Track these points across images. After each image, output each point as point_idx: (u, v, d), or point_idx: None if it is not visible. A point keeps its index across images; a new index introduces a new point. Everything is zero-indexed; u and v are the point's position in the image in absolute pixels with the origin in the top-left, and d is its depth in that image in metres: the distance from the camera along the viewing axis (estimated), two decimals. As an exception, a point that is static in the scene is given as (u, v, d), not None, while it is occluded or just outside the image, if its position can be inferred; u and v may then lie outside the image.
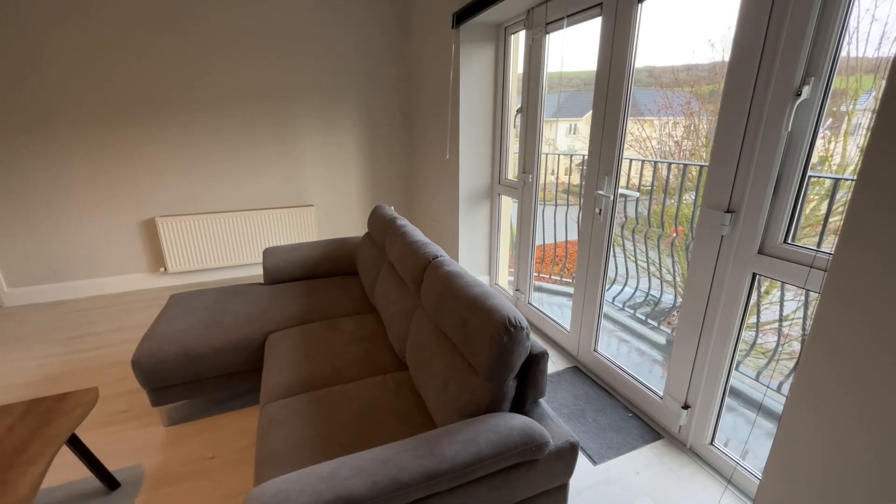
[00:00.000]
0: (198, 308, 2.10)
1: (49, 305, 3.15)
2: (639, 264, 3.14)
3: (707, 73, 4.75)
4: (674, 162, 3.44)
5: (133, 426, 1.92)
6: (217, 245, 3.42)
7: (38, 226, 3.08)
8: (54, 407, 1.46)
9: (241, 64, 3.23)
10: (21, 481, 1.18)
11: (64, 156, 3.01)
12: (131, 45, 2.95)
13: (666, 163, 2.94)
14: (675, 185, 2.76)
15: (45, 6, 2.73)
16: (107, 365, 2.38)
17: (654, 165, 2.62)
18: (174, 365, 1.80)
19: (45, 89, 2.86)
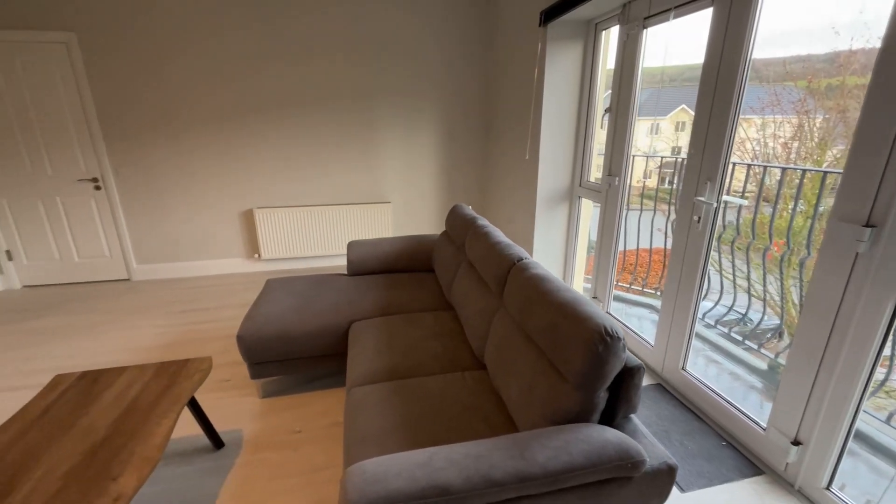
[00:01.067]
0: (292, 293, 2.29)
1: (166, 282, 3.63)
2: (728, 278, 2.85)
3: (826, 65, 4.18)
4: (792, 167, 3.07)
5: (234, 394, 2.14)
6: (304, 236, 3.70)
7: (161, 213, 3.55)
8: (179, 370, 1.68)
9: (330, 67, 3.46)
10: (157, 431, 1.37)
11: (184, 154, 3.45)
12: (238, 57, 3.29)
13: (781, 168, 2.64)
14: (787, 192, 2.46)
15: (171, 32, 3.15)
16: (213, 338, 2.68)
17: (764, 170, 2.35)
18: (271, 343, 1.98)
19: (171, 96, 3.29)
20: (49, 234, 3.46)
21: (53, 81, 3.17)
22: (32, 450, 1.29)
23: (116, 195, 3.45)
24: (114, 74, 3.19)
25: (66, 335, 2.74)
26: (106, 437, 1.34)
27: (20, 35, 3.03)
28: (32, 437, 1.33)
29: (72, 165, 3.35)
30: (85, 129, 3.29)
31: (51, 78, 3.16)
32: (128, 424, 1.39)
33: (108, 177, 3.40)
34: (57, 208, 3.41)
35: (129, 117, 3.30)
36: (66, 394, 1.54)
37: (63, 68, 3.15)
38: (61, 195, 3.39)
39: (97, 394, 1.54)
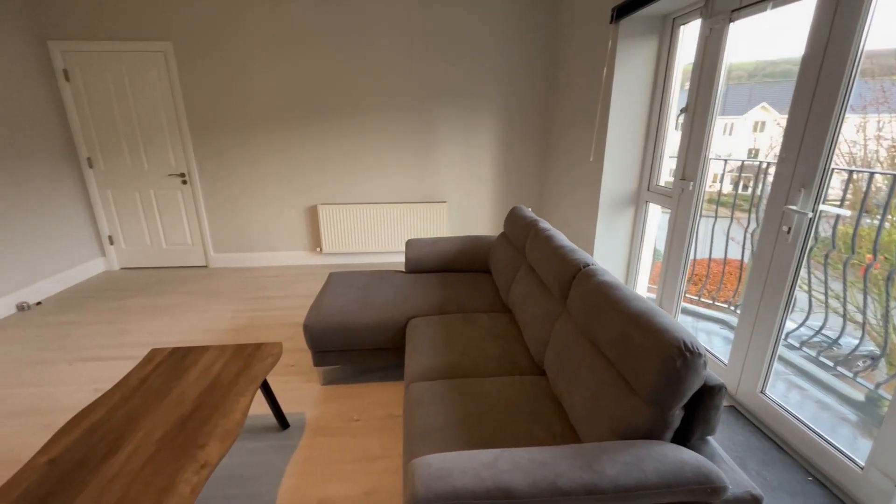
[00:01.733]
0: (353, 287, 2.38)
1: (238, 270, 3.93)
2: (819, 298, 2.56)
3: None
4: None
5: (298, 379, 2.27)
6: (363, 232, 3.85)
7: (236, 206, 3.85)
8: (254, 353, 1.81)
9: (393, 71, 3.55)
10: (236, 407, 1.49)
11: (258, 152, 3.71)
12: (308, 63, 3.48)
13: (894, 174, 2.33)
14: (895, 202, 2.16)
15: (251, 42, 3.39)
16: (278, 325, 2.86)
17: (870, 177, 2.08)
18: (334, 334, 2.08)
19: (248, 98, 3.55)
20: (143, 223, 3.87)
21: (152, 86, 3.54)
22: (133, 415, 1.45)
23: (200, 189, 3.79)
24: (201, 79, 3.51)
25: (154, 313, 3.05)
26: (193, 409, 1.47)
27: (127, 45, 3.41)
28: (133, 404, 1.50)
29: (164, 161, 3.72)
30: (176, 128, 3.64)
31: (150, 83, 3.53)
32: (211, 399, 1.53)
33: (193, 172, 3.74)
34: (150, 200, 3.81)
35: (211, 118, 3.61)
36: (159, 367, 1.72)
37: (160, 74, 3.51)
38: (154, 188, 3.78)
39: (185, 369, 1.70)
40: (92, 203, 3.77)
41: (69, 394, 2.17)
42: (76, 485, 1.18)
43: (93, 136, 3.63)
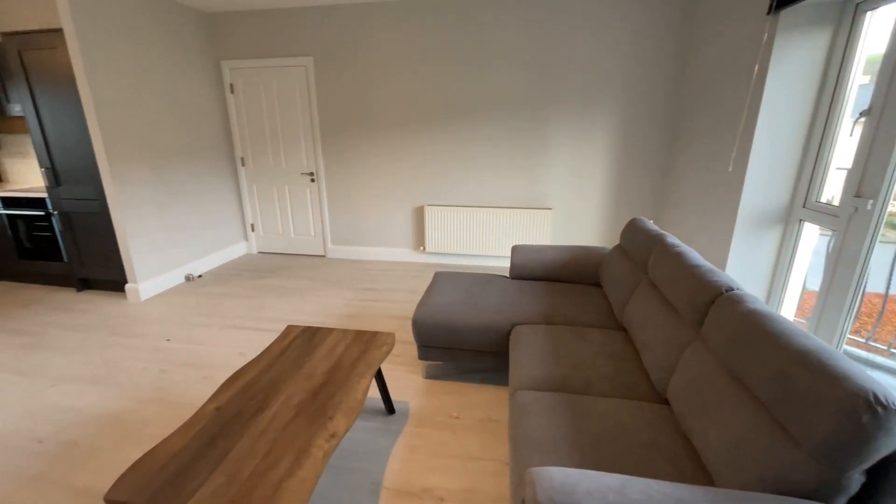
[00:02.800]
0: (459, 288, 2.45)
1: (351, 262, 4.30)
2: None
3: None
4: None
5: (402, 370, 2.41)
6: (466, 234, 3.94)
7: (352, 203, 4.22)
8: (371, 340, 1.97)
9: (506, 76, 3.57)
10: (357, 387, 1.63)
11: (375, 154, 4.02)
12: (424, 72, 3.66)
13: None
14: None
15: (376, 54, 3.68)
16: (385, 315, 3.07)
17: None
18: (439, 331, 2.16)
19: (370, 105, 3.87)
20: (278, 214, 4.46)
21: (293, 96, 4.05)
22: (275, 380, 1.67)
23: (324, 187, 4.24)
24: (333, 88, 3.92)
25: (282, 293, 3.49)
26: (322, 384, 1.65)
27: (277, 62, 3.96)
28: (275, 371, 1.73)
29: (298, 161, 4.24)
30: (310, 132, 4.12)
31: (292, 93, 4.05)
32: (336, 376, 1.69)
33: (320, 171, 4.20)
34: (285, 195, 4.37)
35: (339, 123, 4.01)
36: (294, 341, 1.96)
37: (301, 85, 4.01)
38: (289, 185, 4.33)
39: (315, 346, 1.91)
40: (241, 195, 4.46)
41: (220, 354, 2.59)
42: (235, 432, 1.40)
43: (246, 139, 4.28)
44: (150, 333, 2.84)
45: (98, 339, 2.77)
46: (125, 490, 1.18)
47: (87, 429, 1.96)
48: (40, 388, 2.27)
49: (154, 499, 1.15)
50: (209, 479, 1.22)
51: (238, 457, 1.29)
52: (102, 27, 3.00)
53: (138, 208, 3.33)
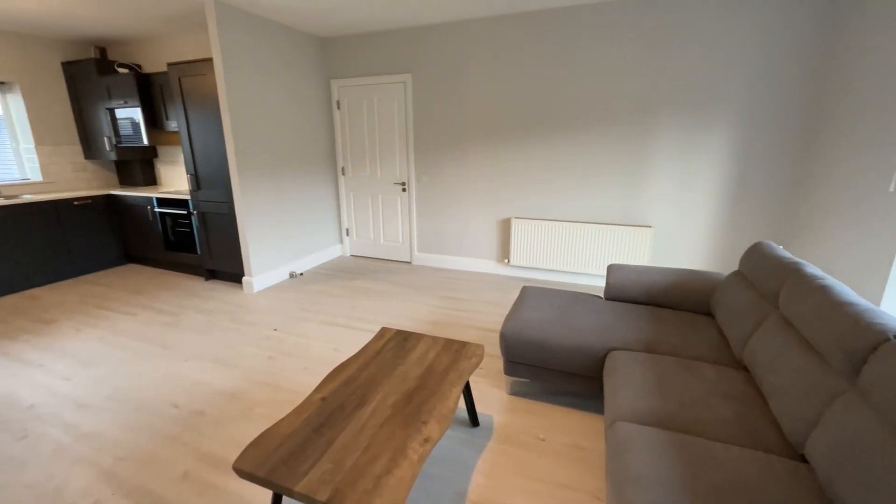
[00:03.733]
0: (550, 305, 2.38)
1: (435, 270, 4.42)
2: None
3: None
4: None
5: (486, 382, 2.39)
6: (553, 249, 3.83)
7: (439, 212, 4.35)
8: (460, 350, 1.99)
9: (606, 84, 3.42)
10: (450, 395, 1.65)
11: (464, 165, 4.10)
12: (518, 86, 3.65)
13: None
14: None
15: (469, 69, 3.76)
16: (468, 326, 3.08)
17: None
18: (529, 347, 2.10)
19: (460, 118, 3.96)
20: (370, 221, 4.75)
21: (392, 110, 4.32)
22: (373, 378, 1.76)
23: (414, 196, 4.43)
24: (428, 102, 4.10)
25: (371, 295, 3.69)
26: (415, 387, 1.70)
27: (380, 79, 4.25)
28: (372, 369, 1.82)
29: (391, 172, 4.49)
30: (404, 144, 4.35)
31: (391, 108, 4.31)
32: (429, 382, 1.73)
33: (411, 182, 4.40)
34: (378, 203, 4.65)
35: (431, 135, 4.17)
36: (388, 343, 2.05)
37: (399, 100, 4.26)
38: (382, 193, 4.60)
39: (408, 350, 1.98)
40: (339, 202, 4.84)
41: (318, 347, 2.81)
42: (338, 423, 1.49)
43: (348, 151, 4.65)
44: (260, 322, 3.19)
45: (220, 323, 3.18)
46: (248, 462, 1.32)
47: (212, 401, 2.25)
48: (177, 361, 2.66)
49: (273, 473, 1.27)
50: (317, 463, 1.31)
51: (342, 447, 1.38)
52: (239, 55, 3.49)
53: (256, 211, 3.78)
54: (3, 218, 3.72)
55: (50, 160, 4.46)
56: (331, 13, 3.57)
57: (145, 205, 4.34)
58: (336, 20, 3.78)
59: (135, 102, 4.21)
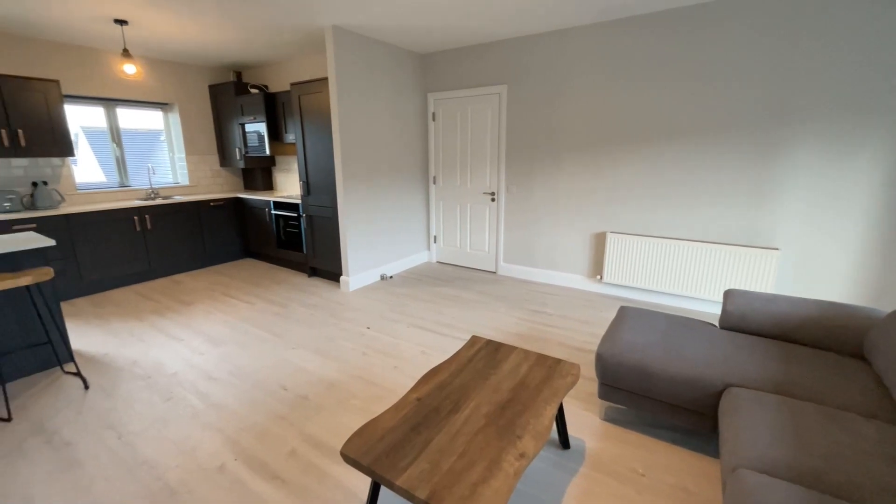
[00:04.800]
0: (653, 329, 2.19)
1: (520, 281, 4.36)
2: None
3: None
4: None
5: (576, 404, 2.28)
6: (653, 268, 3.54)
7: (528, 221, 4.28)
8: (554, 367, 1.92)
9: (727, 91, 3.08)
10: (544, 412, 1.60)
11: (557, 177, 3.99)
12: (619, 95, 3.45)
13: None
14: None
15: (564, 78, 3.65)
16: (556, 342, 2.97)
17: None
18: (629, 372, 1.96)
19: (555, 128, 3.87)
20: (457, 229, 4.85)
21: (484, 121, 4.38)
22: (465, 385, 1.77)
23: (503, 206, 4.43)
24: (522, 112, 4.08)
25: (458, 303, 3.75)
26: (508, 400, 1.68)
27: (475, 91, 4.35)
28: (465, 377, 1.84)
29: (481, 182, 4.54)
30: (495, 155, 4.37)
31: (483, 119, 4.38)
32: (522, 396, 1.70)
33: (500, 192, 4.41)
34: (466, 212, 4.73)
35: (524, 146, 4.14)
36: (479, 352, 2.06)
37: (493, 111, 4.30)
38: (470, 203, 4.68)
39: (499, 361, 1.97)
40: (429, 210, 5.02)
41: (407, 348, 2.92)
42: (434, 425, 1.53)
43: (440, 161, 4.82)
44: (355, 319, 3.42)
45: (321, 318, 3.47)
46: (353, 449, 1.41)
47: (314, 388, 2.45)
48: (285, 348, 2.95)
49: (375, 464, 1.34)
50: (415, 461, 1.35)
51: (438, 449, 1.41)
52: (349, 73, 3.82)
53: (355, 217, 4.08)
54: (161, 215, 4.50)
55: (195, 167, 5.30)
56: (430, 31, 3.75)
57: (264, 207, 4.93)
58: (436, 37, 3.96)
59: (261, 118, 4.84)
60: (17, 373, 2.61)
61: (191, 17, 3.34)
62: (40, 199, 3.94)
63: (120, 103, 4.67)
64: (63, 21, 3.44)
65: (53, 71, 4.08)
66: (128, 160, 4.83)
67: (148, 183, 4.98)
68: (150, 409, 2.27)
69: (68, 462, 1.89)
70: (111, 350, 2.94)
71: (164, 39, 4.00)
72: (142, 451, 1.96)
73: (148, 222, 4.40)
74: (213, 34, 3.84)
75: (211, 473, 1.82)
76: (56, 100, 3.85)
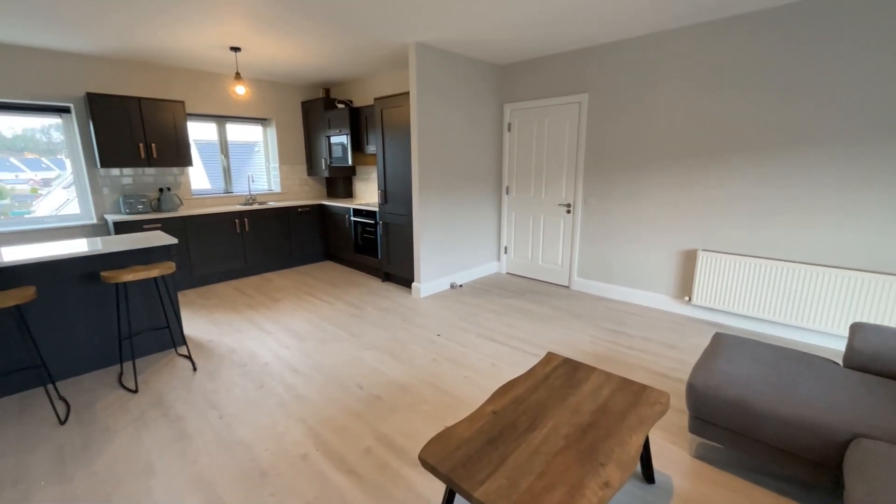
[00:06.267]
0: (756, 360, 1.96)
1: (595, 297, 4.15)
2: None
3: None
4: None
5: (661, 435, 2.10)
6: (754, 292, 3.17)
7: (607, 235, 4.07)
8: (640, 393, 1.79)
9: (854, 94, 2.68)
10: (630, 440, 1.49)
11: (642, 189, 3.76)
12: (717, 98, 3.15)
13: None
14: None
15: (649, 85, 3.42)
16: (637, 366, 2.78)
17: None
18: (727, 408, 1.76)
19: (638, 138, 3.64)
20: (529, 241, 4.76)
21: (562, 131, 4.27)
22: (542, 403, 1.72)
23: (579, 219, 4.27)
24: (604, 121, 3.91)
25: (529, 316, 3.66)
26: (589, 423, 1.59)
27: (553, 101, 4.26)
28: (541, 394, 1.79)
29: (556, 193, 4.42)
30: (573, 165, 4.24)
31: (562, 128, 4.27)
32: (604, 421, 1.60)
33: (577, 203, 4.26)
34: (539, 223, 4.64)
35: (604, 156, 3.96)
36: (556, 370, 1.99)
37: (572, 121, 4.18)
38: (544, 214, 4.57)
39: (578, 381, 1.88)
40: (500, 220, 5.00)
41: (477, 360, 2.91)
42: (511, 440, 1.50)
43: (514, 171, 4.79)
44: (426, 326, 3.49)
45: (393, 321, 3.60)
46: (431, 455, 1.42)
47: (387, 389, 2.54)
48: (360, 348, 3.10)
49: (453, 472, 1.35)
50: (493, 475, 1.33)
51: (515, 465, 1.38)
52: (429, 86, 3.95)
53: (429, 225, 4.18)
54: (257, 218, 5.00)
55: (286, 176, 5.82)
56: (510, 44, 3.76)
57: (344, 214, 5.26)
58: (516, 48, 3.97)
59: (346, 131, 5.18)
60: (142, 351, 3.03)
61: (293, 41, 3.70)
62: (164, 203, 4.58)
63: (229, 119, 5.30)
64: (189, 50, 3.99)
65: (179, 93, 4.75)
66: (232, 169, 5.45)
67: (247, 190, 5.56)
68: (245, 394, 2.51)
69: (179, 434, 2.15)
70: (214, 338, 3.31)
71: (268, 62, 4.47)
72: (238, 431, 2.16)
73: (246, 225, 4.91)
74: (308, 55, 4.22)
75: (295, 460, 1.95)
76: (181, 118, 4.48)
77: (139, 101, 4.20)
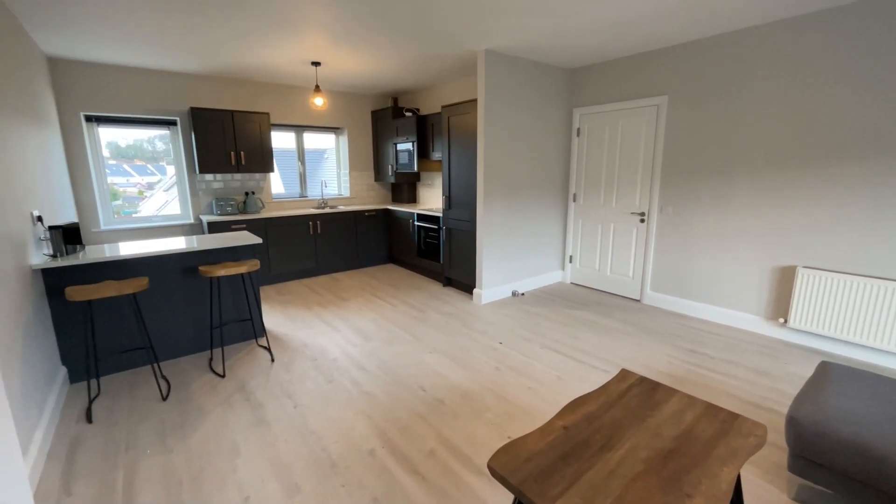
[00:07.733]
0: (875, 396, 1.70)
1: (671, 314, 3.86)
2: None
3: None
4: None
5: (753, 471, 1.88)
6: (868, 317, 2.76)
7: (686, 246, 3.78)
8: (730, 422, 1.62)
9: None
10: (720, 473, 1.36)
11: (726, 199, 3.44)
12: (821, 99, 2.78)
13: None
14: None
15: (747, 85, 3.10)
16: (722, 392, 2.53)
17: None
18: (840, 448, 1.54)
19: (731, 144, 3.32)
20: (597, 250, 4.56)
21: (638, 136, 4.04)
22: (618, 423, 1.62)
23: (654, 229, 4.00)
24: (685, 126, 3.64)
25: (596, 329, 3.50)
26: (672, 449, 1.47)
27: (628, 104, 4.05)
28: (616, 413, 1.69)
29: (629, 201, 4.19)
30: (648, 172, 4.00)
31: (637, 133, 4.04)
32: (688, 448, 1.47)
33: (652, 213, 4.00)
34: (609, 232, 4.42)
35: (686, 162, 3.68)
36: (631, 389, 1.87)
37: (649, 125, 3.95)
38: (615, 223, 4.35)
39: (656, 403, 1.75)
40: (566, 228, 4.84)
41: (541, 370, 2.83)
42: (584, 458, 1.43)
43: (582, 178, 4.62)
44: (487, 333, 3.46)
45: (455, 326, 3.61)
46: (501, 466, 1.40)
47: (449, 394, 2.55)
48: (423, 350, 3.15)
49: (524, 485, 1.31)
50: (566, 493, 1.28)
51: (590, 485, 1.31)
52: (496, 93, 3.94)
53: (492, 231, 4.16)
54: (328, 221, 5.30)
55: (355, 182, 6.12)
56: (582, 48, 3.65)
57: (408, 218, 5.41)
58: (585, 51, 3.84)
59: (412, 138, 5.34)
60: (228, 340, 3.33)
61: (368, 53, 3.90)
62: (249, 206, 5.02)
63: (306, 129, 5.69)
64: (275, 66, 4.35)
65: (265, 105, 5.19)
66: (306, 174, 5.84)
67: (320, 194, 5.93)
68: (317, 387, 2.65)
69: (260, 419, 2.32)
70: (289, 332, 3.54)
71: (343, 74, 4.75)
72: (311, 422, 2.29)
73: (318, 227, 5.23)
74: (381, 66, 4.41)
75: (363, 455, 2.02)
76: (266, 128, 4.89)
77: (232, 113, 4.65)
